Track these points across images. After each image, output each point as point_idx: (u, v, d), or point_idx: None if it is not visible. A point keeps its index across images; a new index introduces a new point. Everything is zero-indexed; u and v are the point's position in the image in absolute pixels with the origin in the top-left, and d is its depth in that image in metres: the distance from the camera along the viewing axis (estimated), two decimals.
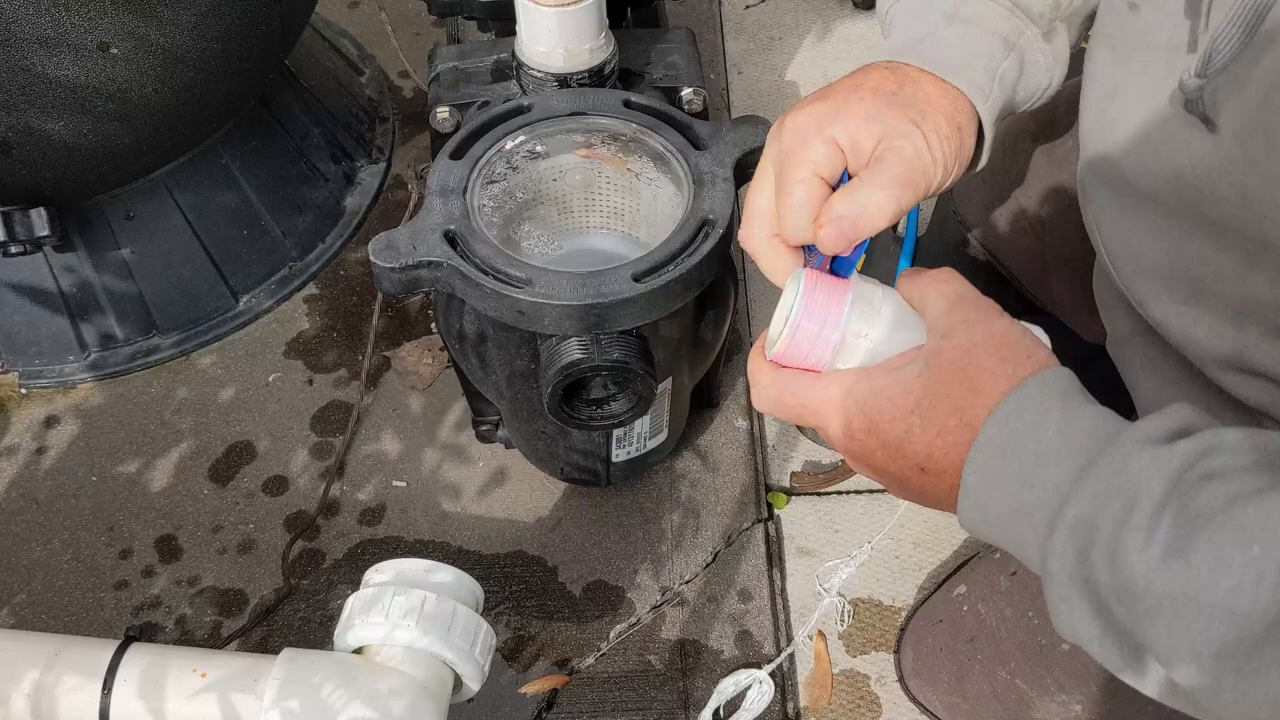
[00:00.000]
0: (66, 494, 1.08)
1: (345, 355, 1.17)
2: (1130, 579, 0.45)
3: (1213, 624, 0.42)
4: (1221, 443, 0.46)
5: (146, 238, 1.14)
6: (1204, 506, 0.44)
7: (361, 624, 0.70)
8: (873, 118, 0.60)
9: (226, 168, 1.17)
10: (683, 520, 1.05)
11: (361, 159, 1.31)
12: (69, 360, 1.16)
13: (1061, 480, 0.48)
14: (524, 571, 1.02)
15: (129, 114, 0.98)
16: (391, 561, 0.73)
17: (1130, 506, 0.45)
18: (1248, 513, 0.43)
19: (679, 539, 1.04)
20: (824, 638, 0.99)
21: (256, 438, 1.11)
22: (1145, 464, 0.46)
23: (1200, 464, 0.46)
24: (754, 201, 0.63)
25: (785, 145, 0.61)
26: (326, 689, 0.65)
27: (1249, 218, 0.55)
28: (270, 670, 0.68)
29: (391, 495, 1.07)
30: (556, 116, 0.88)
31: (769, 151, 0.63)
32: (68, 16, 0.87)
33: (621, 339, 0.80)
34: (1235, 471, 0.45)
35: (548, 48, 0.90)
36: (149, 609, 1.01)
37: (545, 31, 0.89)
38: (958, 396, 0.52)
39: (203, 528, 1.05)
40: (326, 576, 1.02)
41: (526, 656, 0.97)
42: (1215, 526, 0.43)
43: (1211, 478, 0.45)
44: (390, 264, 0.79)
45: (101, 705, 0.68)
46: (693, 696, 0.95)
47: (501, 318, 0.80)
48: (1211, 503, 0.44)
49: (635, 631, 0.99)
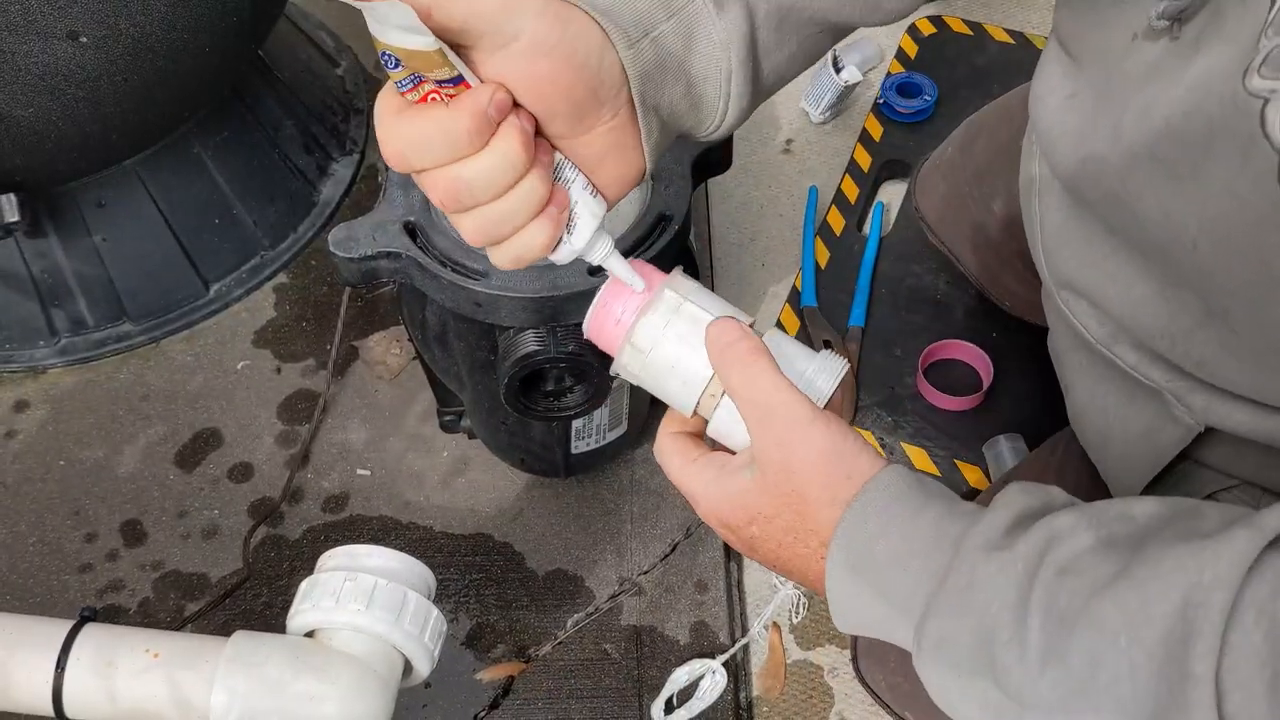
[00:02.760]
0: (34, 478, 1.09)
1: (314, 344, 1.18)
2: (1018, 690, 0.47)
3: (1102, 716, 0.45)
4: (1059, 532, 0.48)
5: (118, 225, 1.15)
6: (1067, 607, 0.46)
7: (312, 608, 0.71)
8: None
9: (198, 157, 1.18)
10: (642, 511, 1.06)
11: (335, 150, 1.32)
12: (39, 345, 1.17)
13: (913, 590, 0.50)
14: (485, 560, 1.04)
15: (99, 102, 0.98)
16: (344, 547, 0.75)
17: (990, 626, 0.47)
18: (1105, 607, 0.45)
19: (638, 530, 1.05)
20: (779, 629, 1.01)
21: (224, 425, 1.12)
22: (993, 574, 0.48)
23: (1048, 559, 0.47)
24: None
25: None
26: (272, 669, 0.67)
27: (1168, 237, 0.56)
28: (221, 651, 0.69)
29: (355, 483, 1.08)
30: None
31: None
32: (37, 4, 0.88)
33: (577, 331, 0.81)
34: (1084, 558, 0.47)
35: None
36: (112, 591, 1.02)
37: None
38: (788, 518, 0.55)
39: (168, 513, 1.07)
40: (289, 562, 1.03)
41: (485, 643, 0.99)
42: (1083, 625, 0.45)
43: (1066, 572, 0.46)
44: (350, 254, 0.80)
45: (55, 683, 0.69)
46: (647, 685, 0.96)
47: (459, 309, 0.82)
48: (1073, 602, 0.46)
49: (593, 620, 1.00)
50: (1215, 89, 0.48)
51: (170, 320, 1.19)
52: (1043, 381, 0.85)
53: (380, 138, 0.50)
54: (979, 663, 0.48)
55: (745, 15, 0.57)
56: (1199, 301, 0.58)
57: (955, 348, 1.13)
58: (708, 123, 0.59)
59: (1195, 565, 0.43)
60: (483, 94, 0.48)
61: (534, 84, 0.49)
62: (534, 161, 0.50)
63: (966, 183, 1.06)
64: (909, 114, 1.33)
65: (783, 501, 0.54)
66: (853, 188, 1.29)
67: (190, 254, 1.19)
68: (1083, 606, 0.45)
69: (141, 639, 0.71)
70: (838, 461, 0.54)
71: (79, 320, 1.17)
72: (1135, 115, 0.54)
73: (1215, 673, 0.41)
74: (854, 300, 1.18)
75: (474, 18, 0.47)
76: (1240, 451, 0.66)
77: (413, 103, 0.48)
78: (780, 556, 0.56)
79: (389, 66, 0.48)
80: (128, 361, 1.17)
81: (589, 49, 0.50)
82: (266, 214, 1.24)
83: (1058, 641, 0.45)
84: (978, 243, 1.08)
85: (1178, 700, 0.42)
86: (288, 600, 1.01)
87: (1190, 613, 0.42)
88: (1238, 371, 0.59)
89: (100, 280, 1.16)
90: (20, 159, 1.01)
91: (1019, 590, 0.47)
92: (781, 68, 0.62)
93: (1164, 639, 0.43)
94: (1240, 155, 0.47)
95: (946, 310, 1.17)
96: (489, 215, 0.51)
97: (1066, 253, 0.68)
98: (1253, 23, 0.46)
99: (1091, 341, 0.69)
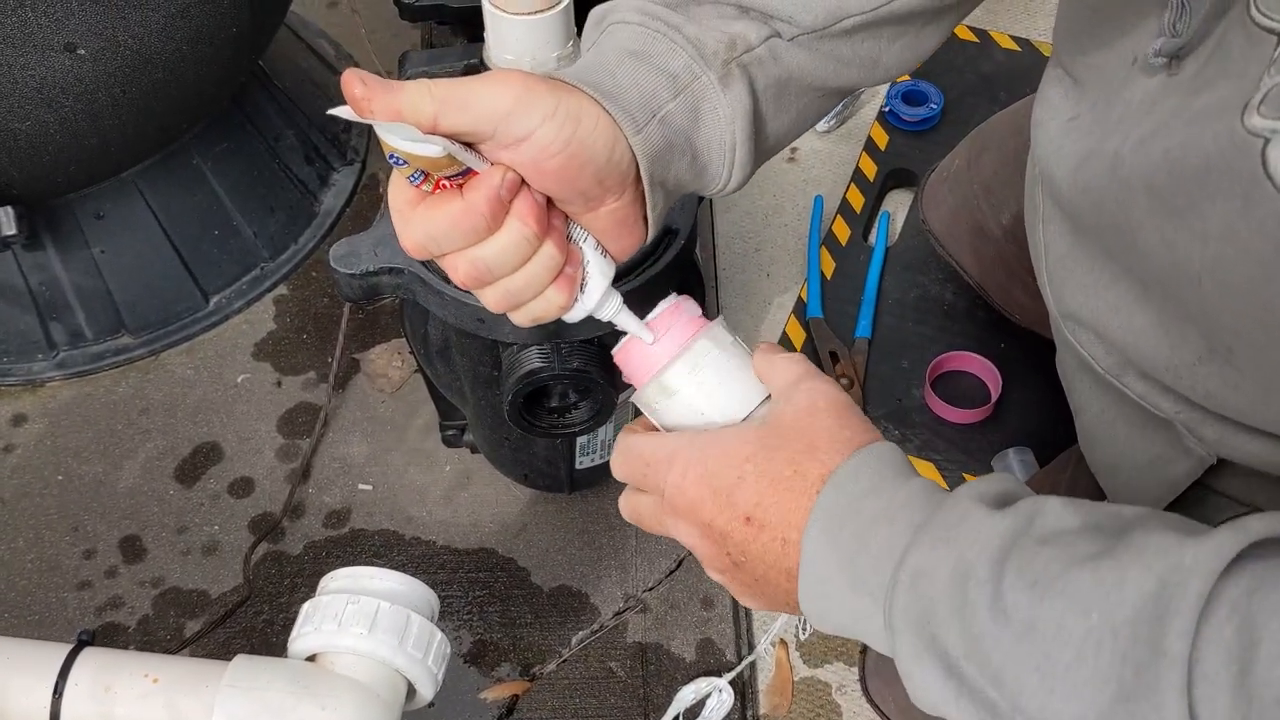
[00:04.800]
0: (32, 493, 1.08)
1: (314, 357, 1.17)
2: (979, 637, 0.45)
3: (1053, 699, 0.44)
4: (1047, 508, 0.48)
5: (116, 237, 1.14)
6: (1042, 572, 0.45)
7: (314, 631, 0.70)
8: None
9: (198, 168, 1.17)
10: None
11: (336, 160, 1.31)
12: (37, 359, 1.15)
13: (896, 539, 0.49)
14: (488, 577, 1.02)
15: (97, 114, 0.97)
16: (347, 569, 0.73)
17: (971, 562, 0.46)
18: (1084, 578, 0.44)
19: (643, 546, 1.04)
20: (785, 646, 1.00)
21: (224, 439, 1.11)
22: (981, 519, 0.47)
23: (1033, 528, 0.47)
24: None
25: None
26: (274, 695, 0.65)
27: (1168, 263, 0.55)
28: (221, 676, 0.68)
29: (357, 498, 1.07)
30: None
31: None
32: (34, 16, 0.87)
33: (582, 348, 0.80)
34: (1067, 535, 0.46)
35: (515, 56, 0.90)
36: (111, 609, 1.01)
37: (512, 39, 0.89)
38: (794, 449, 0.53)
39: (167, 529, 1.05)
40: (290, 579, 1.02)
41: (488, 662, 0.98)
42: (1055, 592, 0.44)
43: (1046, 543, 0.46)
44: (351, 270, 0.79)
45: (52, 708, 0.68)
46: (653, 703, 0.95)
47: (462, 325, 0.81)
48: (1050, 567, 0.45)
49: (597, 638, 0.99)
50: (1213, 126, 0.46)
51: (170, 333, 1.18)
52: (1052, 394, 0.84)
53: (398, 230, 0.52)
54: (952, 603, 0.46)
55: (748, 90, 0.58)
56: (1201, 338, 0.57)
57: (963, 359, 1.12)
58: (712, 188, 0.61)
59: (1176, 553, 0.43)
60: (494, 177, 0.49)
61: (542, 178, 0.51)
62: (548, 229, 0.52)
63: (974, 195, 1.05)
64: (915, 122, 1.32)
65: (796, 433, 0.53)
66: (858, 197, 1.28)
67: (190, 266, 1.18)
68: (1058, 575, 0.45)
69: (140, 663, 0.70)
70: (859, 415, 0.54)
71: (77, 333, 1.16)
72: (1134, 145, 0.53)
73: (1189, 656, 0.41)
74: (860, 311, 1.17)
75: (481, 122, 0.48)
76: (1257, 480, 0.64)
77: (426, 193, 0.50)
78: (763, 498, 0.52)
79: (397, 164, 0.49)
80: (127, 374, 1.16)
81: (598, 145, 0.51)
82: (267, 225, 1.23)
83: (1029, 603, 0.45)
84: (986, 256, 1.06)
85: (1146, 680, 0.41)
86: (289, 618, 1.00)
87: (1166, 595, 0.42)
88: (1248, 406, 0.58)
89: (99, 292, 1.15)
90: (17, 172, 1.00)
91: (1002, 542, 0.46)
92: (782, 131, 0.62)
93: (1134, 620, 0.42)
94: (1241, 197, 0.45)
95: (954, 321, 1.16)
96: (510, 287, 0.53)
97: (1071, 282, 0.67)
98: (1258, 60, 0.44)
99: (1100, 371, 0.67)
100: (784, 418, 0.54)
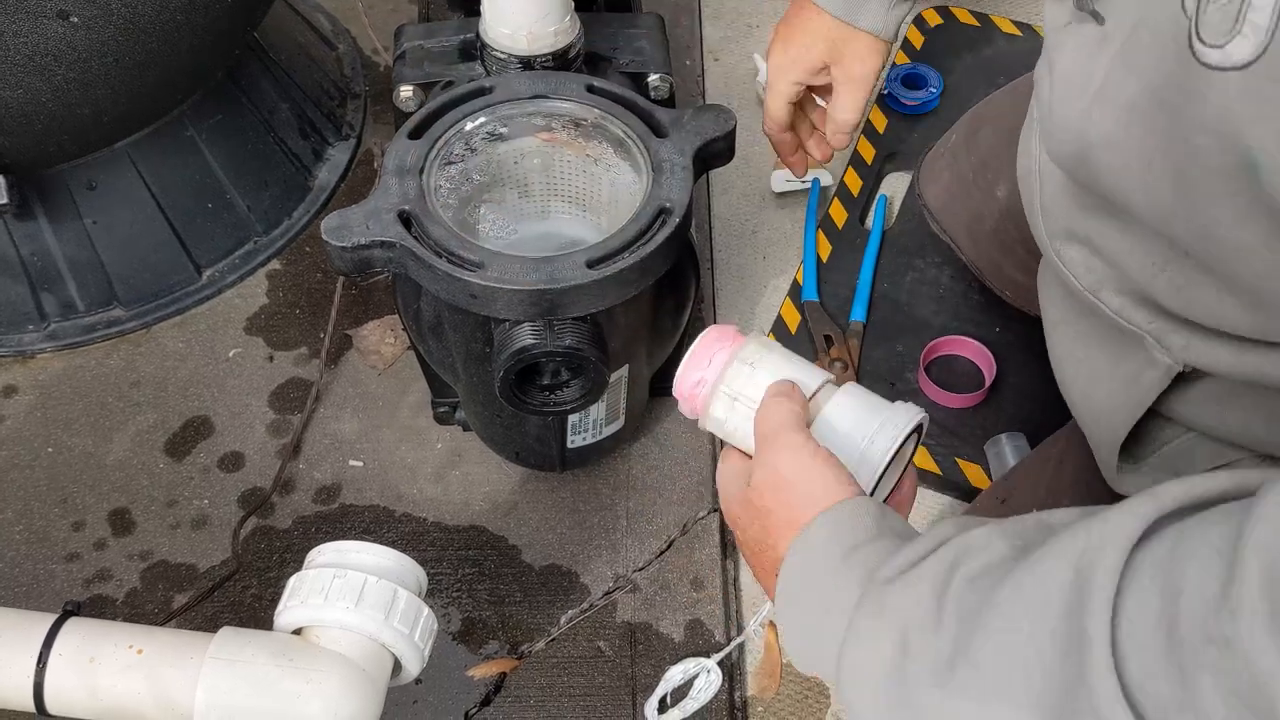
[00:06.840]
0: (21, 464, 1.07)
1: (307, 332, 1.17)
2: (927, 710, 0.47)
3: (1021, 712, 0.44)
4: (972, 545, 0.49)
5: (109, 208, 1.13)
6: (975, 607, 0.46)
7: (300, 605, 0.69)
8: None
9: (191, 140, 1.16)
10: (638, 508, 1.04)
11: (331, 135, 1.30)
12: (28, 330, 1.15)
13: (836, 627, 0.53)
14: (478, 554, 1.02)
15: (89, 83, 0.97)
16: (333, 543, 0.73)
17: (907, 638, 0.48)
18: (1004, 594, 0.45)
19: (634, 526, 1.03)
20: (774, 628, 0.99)
21: (215, 413, 1.11)
22: (898, 594, 0.50)
23: (960, 572, 0.48)
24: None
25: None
26: (259, 668, 0.65)
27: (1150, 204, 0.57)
28: (206, 648, 0.68)
29: (348, 474, 1.07)
30: (518, 99, 0.88)
31: None
32: None
33: (575, 325, 0.80)
34: (996, 566, 0.47)
35: (511, 29, 0.89)
36: (100, 581, 1.00)
37: (509, 13, 0.88)
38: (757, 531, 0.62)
39: (157, 502, 1.05)
40: (279, 554, 1.02)
41: (477, 639, 0.97)
42: (985, 619, 0.45)
43: (974, 580, 0.47)
44: (342, 243, 0.79)
45: (36, 678, 0.68)
46: (641, 683, 0.95)
47: (454, 301, 0.80)
48: (981, 599, 0.46)
49: (587, 617, 0.99)
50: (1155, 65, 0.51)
51: (161, 305, 1.17)
52: (1045, 378, 0.84)
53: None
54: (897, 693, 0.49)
55: None
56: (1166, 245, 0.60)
57: (957, 344, 1.12)
58: None
59: (1085, 534, 0.43)
60: None
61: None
62: None
63: (971, 170, 1.05)
64: (914, 106, 1.32)
65: (755, 514, 0.61)
66: (856, 180, 1.27)
67: (182, 238, 1.17)
68: (986, 602, 0.46)
69: (125, 634, 0.70)
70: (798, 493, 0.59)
71: (69, 304, 1.15)
72: (1095, 95, 0.57)
73: (1110, 634, 0.41)
74: (855, 294, 1.16)
75: None
76: (1221, 404, 0.66)
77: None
78: (760, 564, 0.63)
79: None
80: (118, 347, 1.15)
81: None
82: (260, 199, 1.22)
83: (965, 645, 0.46)
84: (980, 230, 1.06)
85: (1078, 670, 0.41)
86: (277, 593, 0.99)
87: (1082, 578, 0.42)
88: (1216, 303, 0.60)
89: (91, 264, 1.14)
90: (9, 140, 0.99)
91: (932, 600, 0.48)
92: None
93: (1064, 614, 0.42)
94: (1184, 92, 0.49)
95: (949, 306, 1.15)
96: None
97: (1065, 201, 0.69)
98: None
99: (1079, 290, 0.70)
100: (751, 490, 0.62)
